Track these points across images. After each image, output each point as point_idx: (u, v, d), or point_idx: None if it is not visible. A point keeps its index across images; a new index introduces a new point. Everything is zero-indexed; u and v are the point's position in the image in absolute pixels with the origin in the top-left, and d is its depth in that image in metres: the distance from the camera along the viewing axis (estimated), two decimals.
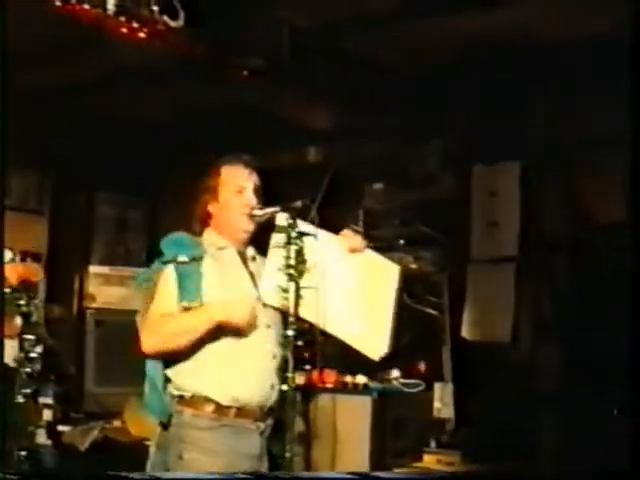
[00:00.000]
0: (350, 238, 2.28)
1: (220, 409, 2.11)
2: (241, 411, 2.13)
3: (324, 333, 2.17)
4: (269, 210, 2.24)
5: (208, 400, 2.11)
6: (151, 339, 2.13)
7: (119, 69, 3.37)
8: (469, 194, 3.81)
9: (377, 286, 2.26)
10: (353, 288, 2.22)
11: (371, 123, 3.65)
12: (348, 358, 2.35)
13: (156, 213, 4.63)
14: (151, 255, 2.35)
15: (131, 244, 4.60)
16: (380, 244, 4.01)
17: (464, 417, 3.48)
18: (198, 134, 3.96)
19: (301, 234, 2.17)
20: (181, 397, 2.13)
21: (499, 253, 3.70)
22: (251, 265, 2.33)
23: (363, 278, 2.24)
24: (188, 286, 2.14)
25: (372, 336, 2.20)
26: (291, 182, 3.97)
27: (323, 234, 2.21)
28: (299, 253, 2.15)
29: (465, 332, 3.71)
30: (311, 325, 2.16)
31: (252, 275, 2.30)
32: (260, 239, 2.34)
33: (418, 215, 3.74)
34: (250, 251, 2.35)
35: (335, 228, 2.31)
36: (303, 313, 2.11)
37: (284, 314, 2.19)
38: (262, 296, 2.18)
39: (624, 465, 1.74)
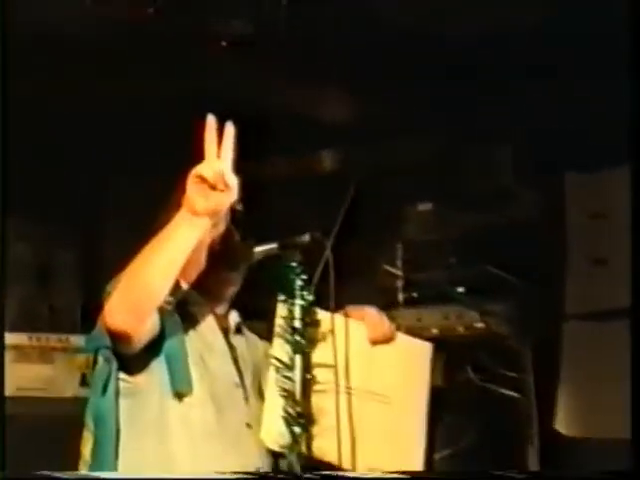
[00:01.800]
0: (372, 321, 2.35)
1: None
2: None
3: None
4: (261, 249, 2.30)
5: None
6: (116, 300, 2.14)
7: (45, 39, 3.44)
8: (562, 217, 3.86)
9: (409, 383, 2.34)
10: (375, 391, 2.30)
11: (410, 114, 3.74)
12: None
13: (94, 254, 4.70)
14: (87, 316, 2.42)
15: (58, 300, 4.65)
16: (428, 293, 4.14)
17: None
18: (158, 133, 4.05)
19: (309, 282, 2.24)
20: None
21: (609, 304, 3.71)
22: (233, 338, 2.41)
23: (390, 375, 2.32)
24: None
25: (402, 455, 2.30)
26: (294, 204, 4.07)
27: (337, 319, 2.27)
28: (307, 311, 2.22)
29: (561, 424, 3.70)
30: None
31: (232, 349, 2.38)
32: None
33: (484, 249, 3.80)
34: (233, 317, 2.44)
35: (361, 271, 2.34)
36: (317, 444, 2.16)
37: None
38: (263, 438, 2.23)
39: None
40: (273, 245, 2.28)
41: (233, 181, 2.06)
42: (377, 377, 2.31)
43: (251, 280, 2.41)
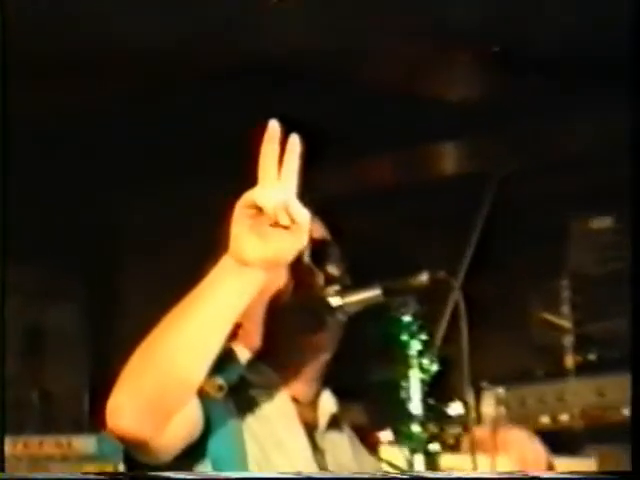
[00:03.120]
0: (522, 457, 2.34)
1: None
2: None
3: None
4: (358, 297, 2.28)
5: None
6: (123, 391, 2.11)
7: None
8: None
9: None
10: None
11: (574, 83, 3.73)
12: None
13: (108, 316, 4.74)
14: (97, 407, 2.41)
15: (53, 384, 4.67)
16: (613, 354, 4.03)
17: None
18: (188, 137, 4.08)
19: (430, 344, 2.23)
20: None
21: None
22: (323, 436, 2.40)
23: None
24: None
25: None
26: (403, 226, 4.04)
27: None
28: (430, 387, 2.21)
29: None
30: None
31: (320, 453, 2.38)
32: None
33: None
34: (326, 403, 2.43)
35: (507, 324, 2.29)
36: None
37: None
38: None
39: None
40: (375, 291, 2.25)
41: (302, 215, 2.02)
42: None
43: (344, 345, 2.37)
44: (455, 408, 2.26)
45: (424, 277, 2.21)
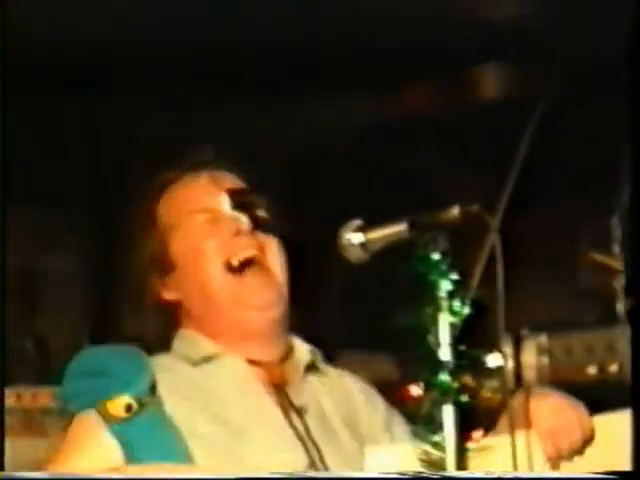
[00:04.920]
0: (557, 427, 2.33)
1: None
2: None
3: None
4: (382, 233, 2.32)
5: None
6: None
7: None
8: None
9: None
10: None
11: None
12: None
13: (108, 259, 4.81)
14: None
15: (51, 330, 4.75)
16: None
17: None
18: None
19: (463, 285, 2.27)
20: None
21: None
22: (301, 394, 2.48)
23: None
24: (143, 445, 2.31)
25: None
26: (430, 153, 4.07)
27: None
28: (464, 335, 2.25)
29: None
30: None
31: (294, 413, 2.44)
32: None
33: None
34: (300, 352, 2.54)
35: (548, 264, 2.31)
36: None
37: None
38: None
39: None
40: (401, 226, 2.29)
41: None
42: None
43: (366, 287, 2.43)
44: (493, 359, 2.29)
45: (455, 211, 2.24)
